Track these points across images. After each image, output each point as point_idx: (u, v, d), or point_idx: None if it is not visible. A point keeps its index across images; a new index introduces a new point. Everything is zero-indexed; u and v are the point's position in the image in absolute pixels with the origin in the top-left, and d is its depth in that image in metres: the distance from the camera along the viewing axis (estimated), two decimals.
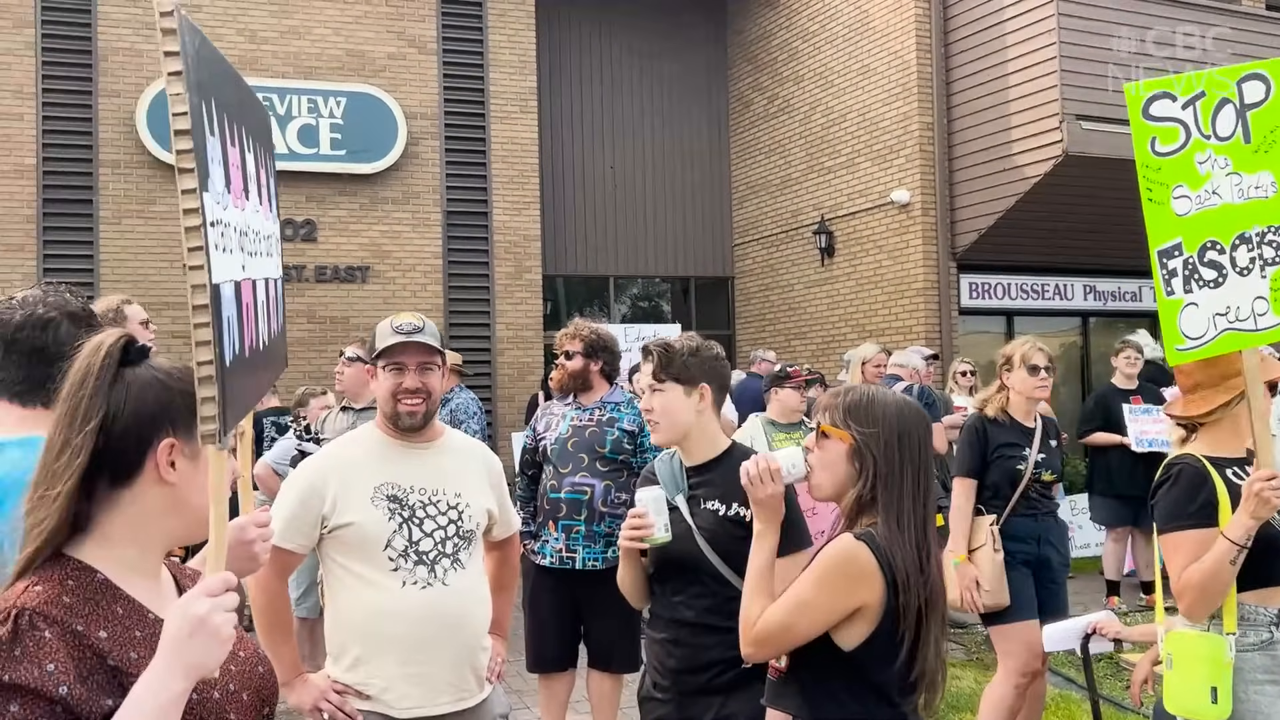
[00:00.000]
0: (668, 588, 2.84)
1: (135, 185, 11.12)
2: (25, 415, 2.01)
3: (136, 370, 1.49)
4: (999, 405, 4.73)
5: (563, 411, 4.73)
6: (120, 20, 11.11)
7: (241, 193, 1.71)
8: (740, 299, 14.26)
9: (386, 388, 2.78)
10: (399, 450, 2.82)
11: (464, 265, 12.17)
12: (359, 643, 2.69)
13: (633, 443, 4.55)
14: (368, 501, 2.70)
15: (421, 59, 12.03)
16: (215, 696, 1.47)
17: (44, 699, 1.29)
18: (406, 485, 2.75)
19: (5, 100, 10.82)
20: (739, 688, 2.69)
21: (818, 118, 12.62)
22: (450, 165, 12.10)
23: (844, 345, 11.48)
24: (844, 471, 2.24)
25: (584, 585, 4.49)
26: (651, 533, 2.71)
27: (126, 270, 10.94)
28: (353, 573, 2.70)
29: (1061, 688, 6.05)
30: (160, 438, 1.49)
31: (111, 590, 1.44)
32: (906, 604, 2.12)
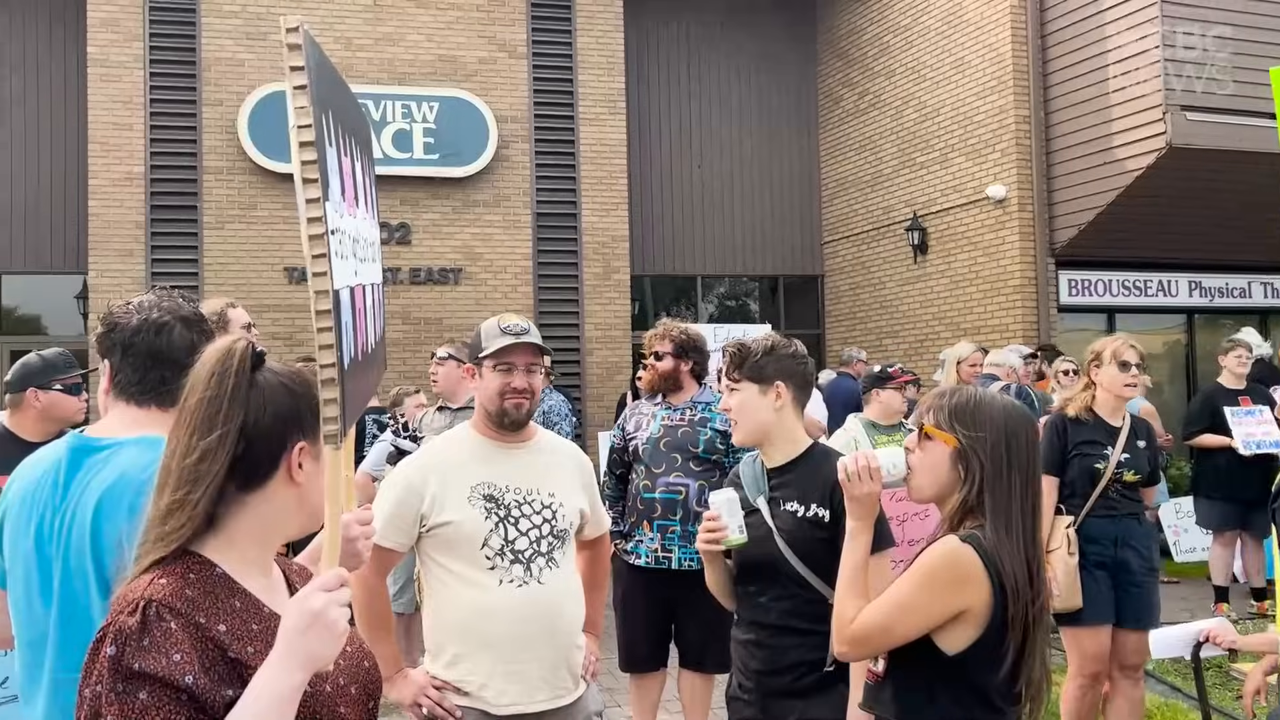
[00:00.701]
0: (750, 589, 2.84)
1: (237, 191, 11.46)
2: (140, 415, 2.08)
3: (265, 375, 1.54)
4: (1083, 404, 4.65)
5: (652, 411, 4.72)
6: (222, 31, 11.47)
7: (353, 201, 1.75)
8: (830, 297, 14.11)
9: (494, 387, 2.81)
10: (495, 450, 2.86)
11: (553, 266, 12.27)
12: (457, 640, 2.73)
13: (725, 442, 4.52)
14: (465, 501, 2.74)
15: (512, 63, 12.16)
16: (326, 689, 1.51)
17: (170, 687, 1.33)
18: (502, 485, 2.79)
19: (116, 111, 11.25)
20: (821, 691, 2.67)
21: (910, 113, 12.42)
22: (540, 167, 12.22)
23: (937, 344, 11.28)
24: (946, 475, 2.20)
25: (678, 585, 4.48)
26: (726, 535, 2.71)
27: (229, 274, 11.29)
28: (450, 571, 2.74)
29: (1167, 696, 5.85)
30: (293, 440, 1.53)
31: (230, 585, 1.49)
32: (1015, 614, 2.07)
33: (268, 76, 11.46)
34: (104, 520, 1.90)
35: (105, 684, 1.33)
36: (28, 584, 1.97)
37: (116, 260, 11.20)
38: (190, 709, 1.34)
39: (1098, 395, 4.64)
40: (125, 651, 1.33)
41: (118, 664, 1.33)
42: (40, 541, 1.96)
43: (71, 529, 1.93)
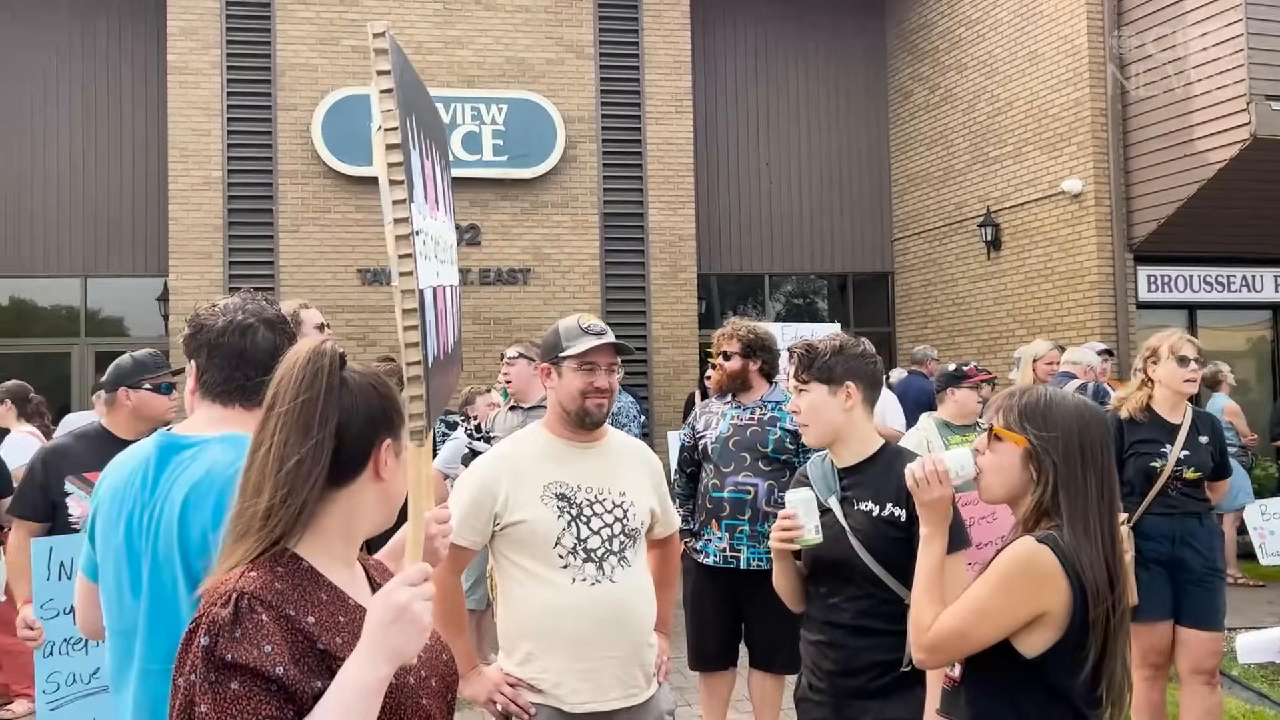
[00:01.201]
0: (822, 589, 2.83)
1: (312, 194, 11.68)
2: (225, 414, 2.14)
3: (351, 376, 1.57)
4: (1138, 403, 4.59)
5: (722, 410, 4.71)
6: (296, 37, 11.70)
7: (434, 203, 1.77)
8: (901, 295, 13.94)
9: (577, 386, 2.83)
10: (567, 449, 2.88)
11: (621, 265, 12.31)
12: (531, 638, 2.76)
13: (795, 442, 4.50)
14: (537, 500, 2.77)
15: (579, 63, 12.22)
16: (410, 681, 1.53)
17: (262, 678, 1.36)
18: (574, 484, 2.81)
19: (195, 117, 11.54)
20: (897, 692, 2.65)
21: (982, 106, 12.22)
22: (607, 167, 12.26)
23: (1011, 342, 11.08)
24: (1018, 476, 2.16)
25: (747, 585, 4.47)
26: (801, 534, 2.70)
27: (303, 275, 11.51)
28: (524, 569, 2.77)
29: (1253, 703, 5.68)
30: (380, 438, 1.57)
31: (316, 578, 1.52)
32: (1096, 616, 2.03)
33: (340, 81, 11.66)
34: (190, 515, 1.96)
35: (199, 673, 1.36)
36: (118, 577, 2.03)
37: (196, 263, 11.49)
38: (280, 699, 1.37)
39: (1155, 393, 4.59)
40: (218, 642, 1.37)
41: (211, 654, 1.36)
42: (130, 536, 2.02)
43: (159, 524, 1.99)
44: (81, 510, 3.44)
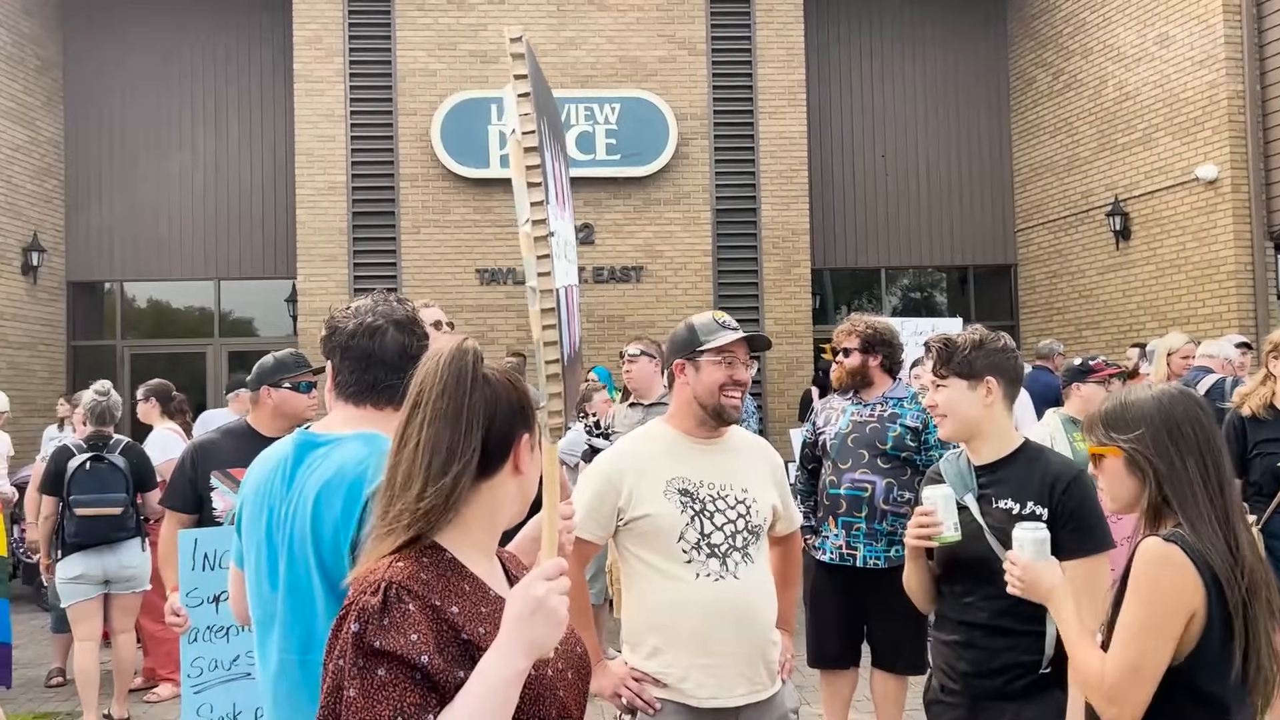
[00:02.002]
0: (957, 588, 2.77)
1: (431, 196, 11.95)
2: (357, 414, 2.21)
3: (490, 373, 1.61)
4: (1262, 400, 4.39)
5: (842, 406, 4.66)
6: (416, 43, 11.99)
7: (561, 203, 1.79)
8: (1024, 287, 13.54)
9: (716, 379, 2.83)
10: (690, 445, 2.89)
11: (733, 261, 12.26)
12: (656, 632, 2.77)
13: (916, 439, 4.42)
14: (660, 495, 2.78)
15: (691, 60, 12.22)
16: (548, 674, 1.55)
17: (408, 665, 1.39)
18: (696, 480, 2.81)
19: (320, 124, 11.93)
20: (1035, 694, 2.58)
21: (1109, 92, 11.78)
22: (719, 163, 12.23)
23: (1142, 335, 10.66)
24: (1129, 484, 2.14)
25: (865, 583, 4.41)
26: (940, 531, 2.66)
27: (425, 276, 11.79)
28: (648, 564, 2.78)
29: None
30: (519, 432, 1.61)
31: (459, 569, 1.55)
32: (1234, 602, 1.96)
33: (457, 85, 11.90)
34: (323, 510, 2.02)
35: (348, 659, 1.40)
36: (259, 569, 2.12)
37: (322, 265, 11.88)
38: (424, 688, 1.39)
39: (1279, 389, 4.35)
40: (367, 629, 1.40)
41: (360, 640, 1.40)
42: (270, 530, 2.10)
43: (295, 519, 2.06)
44: (225, 504, 3.58)
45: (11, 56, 12.03)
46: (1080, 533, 2.64)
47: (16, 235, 12.04)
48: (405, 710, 1.37)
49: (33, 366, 12.23)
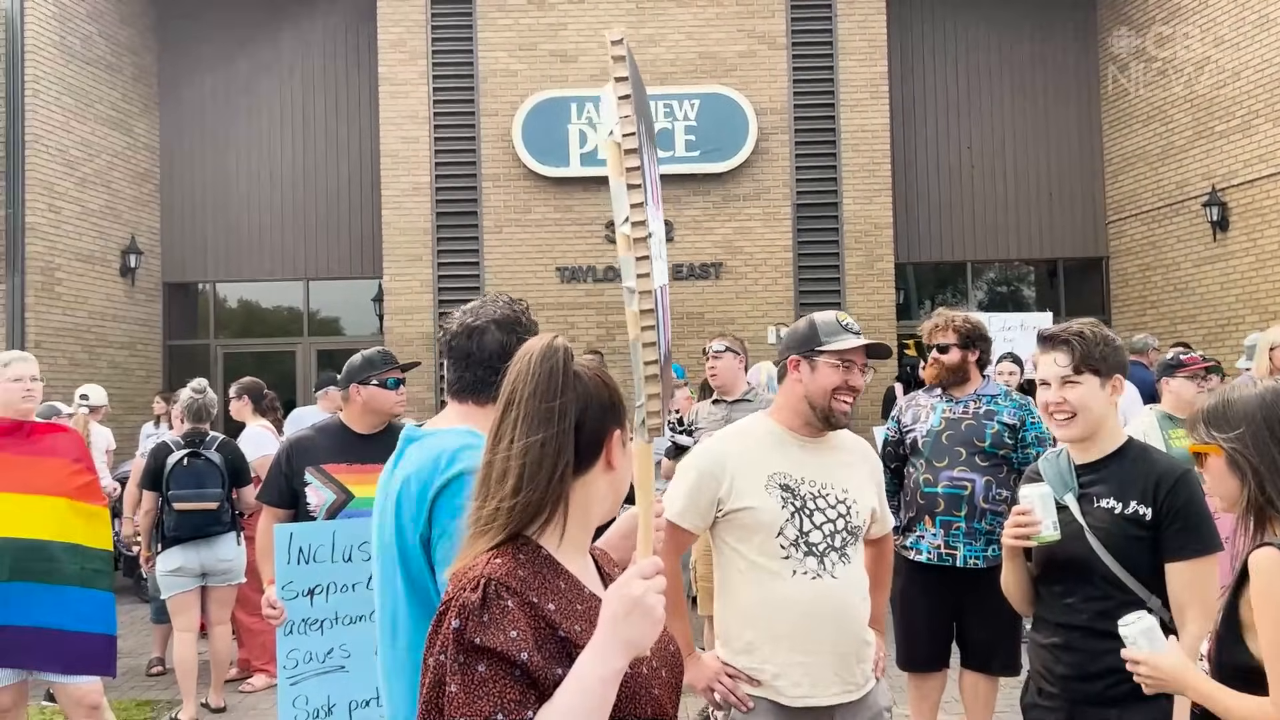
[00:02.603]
0: (1055, 590, 2.71)
1: (513, 196, 12.07)
2: (461, 410, 2.30)
3: (581, 369, 1.62)
4: None
5: (931, 403, 4.57)
6: (497, 44, 12.11)
7: (656, 202, 1.80)
8: (1116, 280, 13.17)
9: (830, 382, 2.79)
10: (793, 442, 2.86)
11: (814, 257, 12.15)
12: (751, 628, 2.75)
13: (1013, 437, 4.32)
14: (761, 488, 2.76)
15: (771, 54, 12.13)
16: (643, 672, 1.55)
17: (507, 662, 1.40)
18: (798, 476, 2.78)
19: (405, 126, 12.12)
20: (1139, 700, 2.49)
21: (1205, 78, 11.39)
22: (800, 158, 12.13)
23: (1241, 329, 10.29)
24: (1230, 484, 2.09)
25: (963, 583, 4.32)
26: (1038, 530, 2.60)
27: (506, 275, 11.91)
28: (745, 558, 2.76)
29: None
30: (611, 428, 1.61)
31: (555, 566, 1.55)
32: None
33: (537, 85, 11.99)
34: (403, 503, 2.08)
35: (449, 654, 1.41)
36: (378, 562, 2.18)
37: (407, 265, 12.07)
38: (523, 684, 1.40)
39: None
40: (467, 625, 1.41)
41: (460, 637, 1.41)
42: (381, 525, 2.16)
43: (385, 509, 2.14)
44: (319, 499, 3.66)
45: (110, 65, 12.45)
46: (1186, 532, 2.55)
47: (116, 238, 12.47)
48: (506, 706, 1.37)
49: (131, 365, 12.65)
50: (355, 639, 3.44)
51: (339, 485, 3.65)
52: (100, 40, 12.28)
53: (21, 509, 4.03)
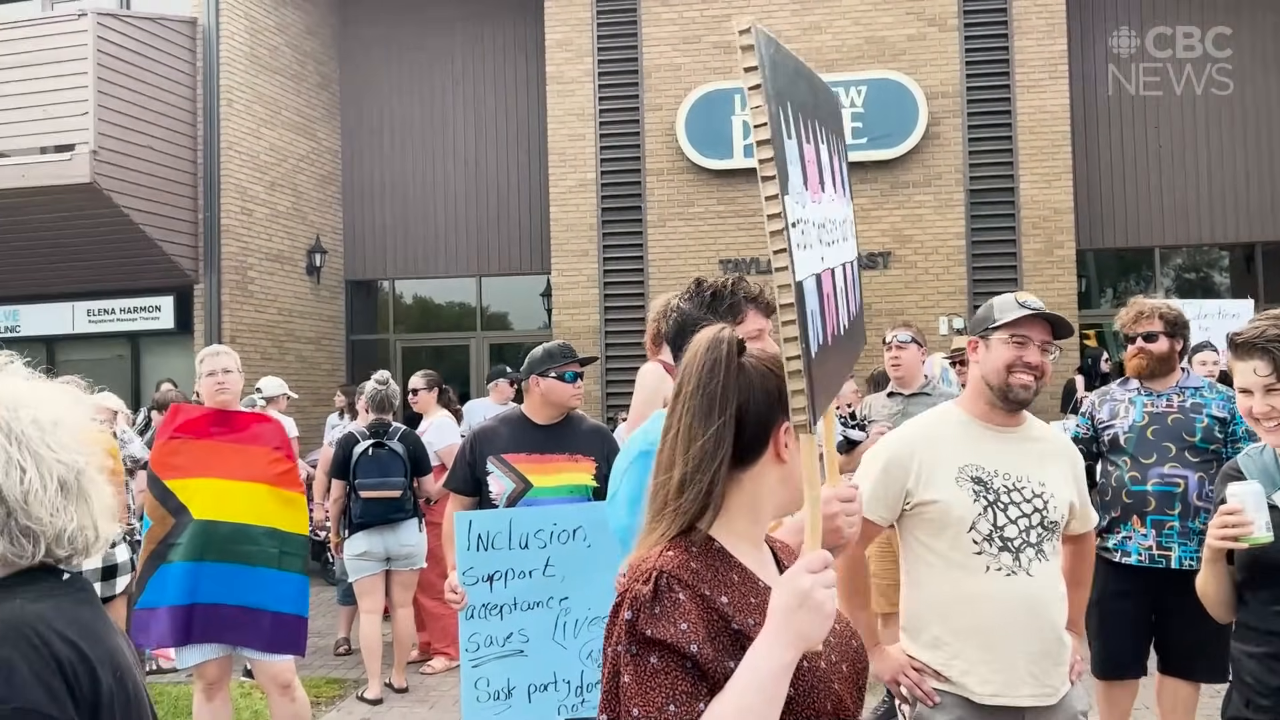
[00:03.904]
0: (1263, 595, 2.52)
1: (676, 190, 12.11)
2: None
3: (749, 360, 1.60)
4: None
5: (1128, 397, 4.32)
6: (661, 39, 12.16)
7: (818, 185, 1.74)
8: None
9: (1003, 359, 2.70)
10: (985, 432, 2.76)
11: (989, 244, 11.73)
12: (939, 623, 2.67)
13: (1223, 431, 4.05)
14: (952, 481, 2.67)
15: (942, 37, 11.77)
16: (821, 665, 1.53)
17: (678, 654, 1.40)
18: (990, 469, 2.68)
19: (572, 124, 12.33)
20: None
21: None
22: (973, 142, 11.73)
23: None
24: None
25: (1169, 585, 4.08)
26: (1249, 531, 2.42)
27: (670, 269, 11.96)
28: (935, 551, 2.68)
29: None
30: (779, 419, 1.58)
31: (728, 559, 1.54)
32: None
33: (702, 78, 11.99)
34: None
35: (623, 645, 1.43)
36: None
37: (574, 260, 12.28)
38: (694, 677, 1.40)
39: None
40: (639, 617, 1.42)
41: (633, 628, 1.43)
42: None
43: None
44: (500, 488, 3.76)
45: (296, 74, 13.13)
46: None
47: (303, 239, 13.16)
48: (678, 698, 1.38)
49: (317, 359, 13.33)
50: (533, 624, 3.51)
51: (518, 474, 3.73)
52: (287, 51, 12.96)
53: (227, 494, 4.29)
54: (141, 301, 12.28)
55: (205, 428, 4.37)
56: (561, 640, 3.50)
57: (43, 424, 1.42)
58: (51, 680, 1.30)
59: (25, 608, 1.36)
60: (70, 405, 1.47)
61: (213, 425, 4.37)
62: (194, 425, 4.38)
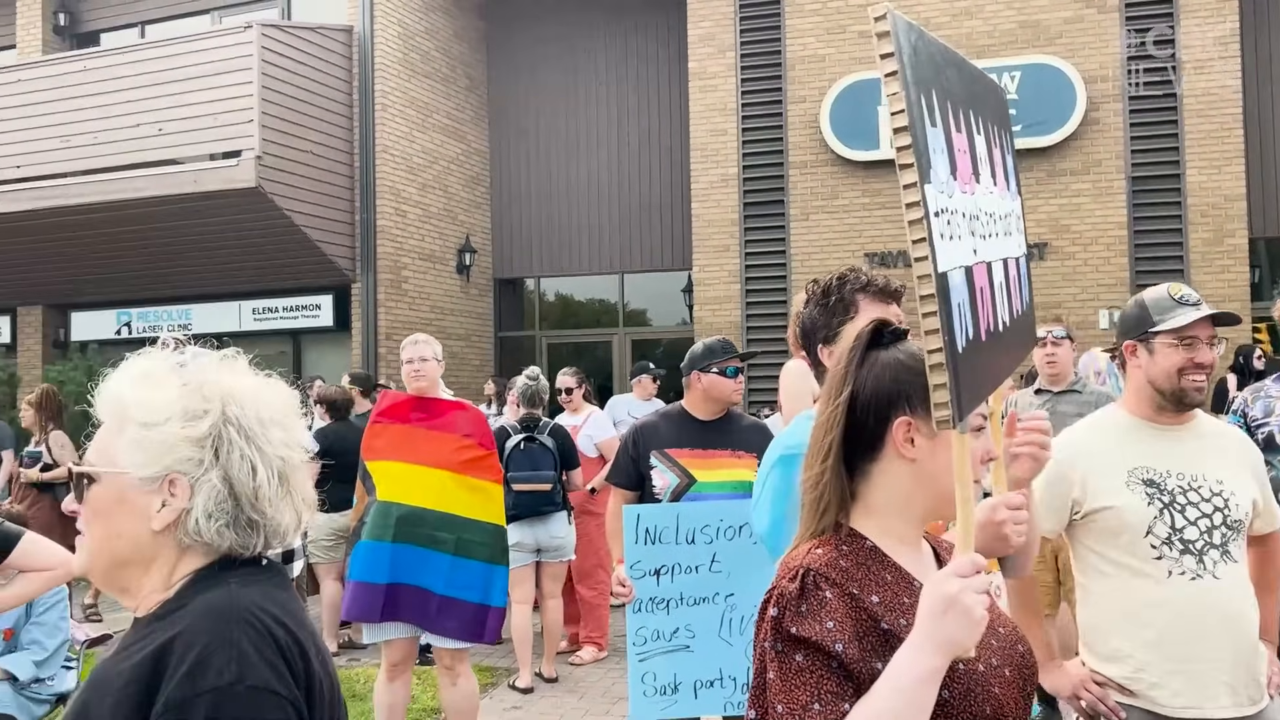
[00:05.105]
0: None
1: (820, 182, 11.95)
2: None
3: (883, 352, 1.59)
4: None
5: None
6: (805, 30, 12.01)
7: (970, 176, 1.68)
8: None
9: (1174, 363, 2.57)
10: (1151, 432, 2.62)
11: (1152, 234, 11.17)
12: (1119, 634, 2.55)
13: None
14: (1123, 486, 2.54)
15: (1101, 18, 11.27)
16: (979, 669, 1.49)
17: (823, 653, 1.39)
18: (1162, 469, 2.54)
19: (713, 119, 12.30)
20: None
21: None
22: (1135, 127, 11.19)
23: None
24: None
25: None
26: None
27: (813, 263, 11.80)
28: (1110, 560, 2.56)
29: None
30: (896, 415, 1.55)
31: (880, 557, 1.53)
32: None
33: (847, 69, 11.79)
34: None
35: (769, 642, 1.44)
36: None
37: (715, 256, 12.26)
38: (840, 676, 1.39)
39: None
40: (785, 615, 1.42)
41: (778, 626, 1.43)
42: None
43: None
44: (663, 483, 3.78)
45: (446, 78, 13.51)
46: None
47: (453, 239, 13.54)
48: (822, 697, 1.37)
49: (467, 355, 13.70)
50: (700, 620, 3.50)
51: (682, 469, 3.74)
52: (437, 55, 13.33)
53: (411, 478, 4.43)
54: (303, 300, 12.84)
55: (405, 413, 4.55)
56: (728, 637, 3.49)
57: (264, 419, 1.47)
58: (275, 660, 1.34)
59: (240, 592, 1.40)
60: (281, 399, 1.53)
61: (412, 411, 4.54)
62: (396, 410, 4.56)
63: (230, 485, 1.42)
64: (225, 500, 1.42)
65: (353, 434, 7.38)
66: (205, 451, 1.42)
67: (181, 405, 1.43)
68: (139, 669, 1.32)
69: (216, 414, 1.43)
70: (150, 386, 1.45)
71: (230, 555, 1.45)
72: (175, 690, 1.27)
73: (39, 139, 11.69)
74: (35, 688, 4.41)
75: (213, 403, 1.44)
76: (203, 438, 1.42)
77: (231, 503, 1.43)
